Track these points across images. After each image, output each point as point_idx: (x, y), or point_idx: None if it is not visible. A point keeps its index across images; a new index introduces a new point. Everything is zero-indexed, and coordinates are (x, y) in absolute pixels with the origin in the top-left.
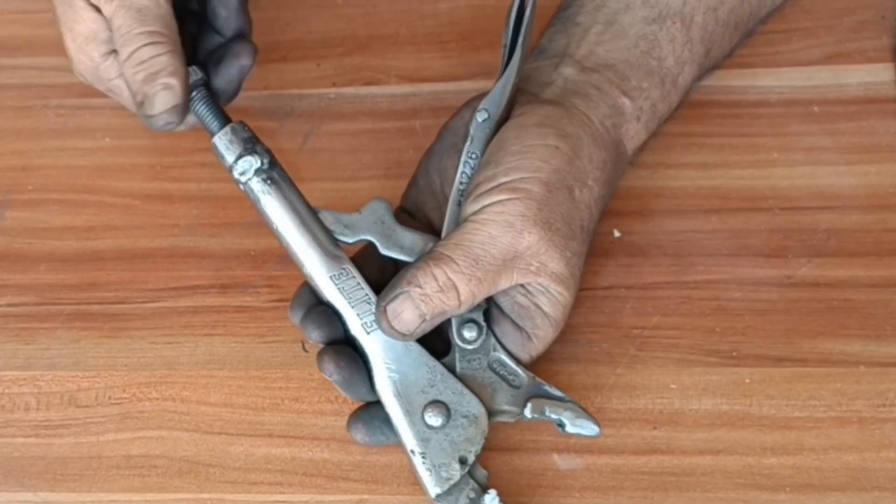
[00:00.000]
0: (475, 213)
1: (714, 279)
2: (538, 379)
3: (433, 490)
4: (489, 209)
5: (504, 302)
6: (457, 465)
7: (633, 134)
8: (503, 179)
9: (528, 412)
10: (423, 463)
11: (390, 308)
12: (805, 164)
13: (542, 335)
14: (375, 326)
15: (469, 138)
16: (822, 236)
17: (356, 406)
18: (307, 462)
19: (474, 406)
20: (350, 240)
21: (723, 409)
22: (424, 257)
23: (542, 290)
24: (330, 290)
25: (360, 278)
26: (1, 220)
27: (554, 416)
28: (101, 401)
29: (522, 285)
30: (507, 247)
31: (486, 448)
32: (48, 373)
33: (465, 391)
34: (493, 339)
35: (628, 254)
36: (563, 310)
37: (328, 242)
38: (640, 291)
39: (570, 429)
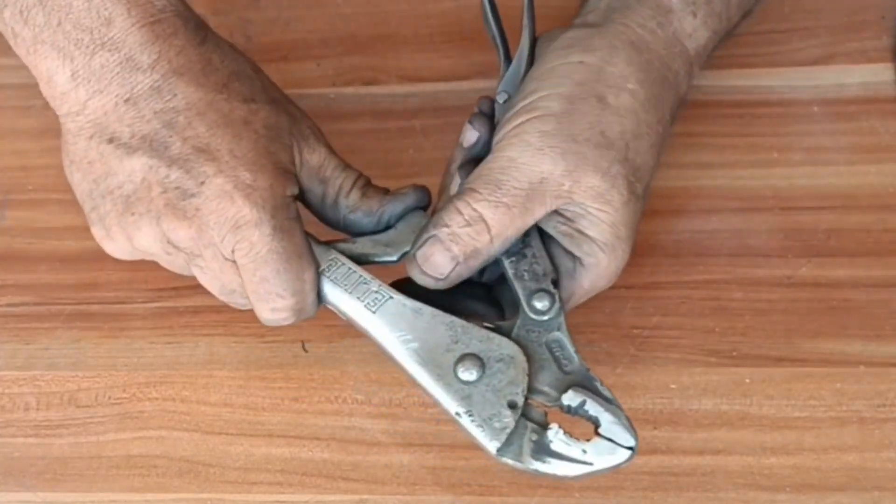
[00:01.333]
0: (497, 141)
1: (714, 279)
2: (592, 373)
3: (492, 446)
4: (507, 134)
5: (551, 231)
6: (508, 412)
7: (692, 31)
8: (521, 104)
9: (566, 399)
10: (472, 421)
11: (419, 253)
12: (805, 164)
13: (592, 262)
14: (379, 305)
15: (496, 121)
16: (822, 236)
17: (356, 409)
18: (307, 462)
19: (507, 347)
20: (395, 258)
21: (723, 409)
22: (449, 198)
23: (580, 212)
24: (326, 286)
25: (349, 263)
26: (1, 220)
27: (592, 413)
28: (101, 401)
29: (559, 212)
30: (530, 167)
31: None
32: (48, 373)
33: (493, 335)
34: (562, 318)
35: None
36: (612, 229)
37: (312, 241)
38: (640, 291)
39: (603, 431)
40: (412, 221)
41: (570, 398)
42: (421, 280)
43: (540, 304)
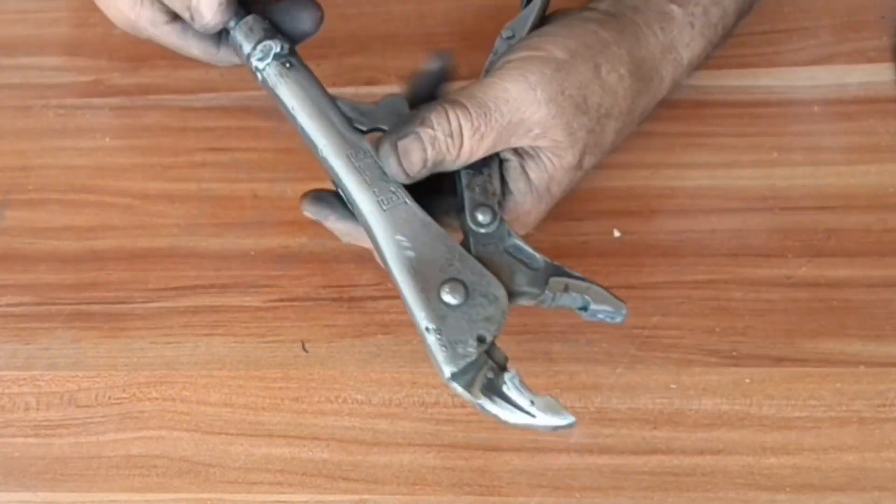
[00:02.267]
0: (497, 68)
1: (714, 279)
2: (557, 263)
3: (447, 368)
4: (509, 64)
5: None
6: (474, 343)
7: (689, 41)
8: (531, 41)
9: (550, 288)
10: (438, 340)
11: (401, 144)
12: (805, 164)
13: (519, 200)
14: (392, 205)
15: (493, 51)
16: (822, 236)
17: (356, 409)
18: (307, 462)
19: (495, 287)
20: (365, 128)
21: (723, 409)
22: (440, 100)
23: (532, 154)
24: (345, 170)
25: (377, 158)
26: (1, 220)
27: (576, 296)
28: (101, 401)
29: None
30: (517, 104)
31: (486, 447)
32: (48, 373)
33: (486, 272)
34: (506, 227)
35: (628, 254)
36: (549, 182)
37: (345, 126)
38: (640, 291)
39: (594, 308)
40: (394, 104)
41: (554, 285)
42: (390, 168)
43: (482, 217)
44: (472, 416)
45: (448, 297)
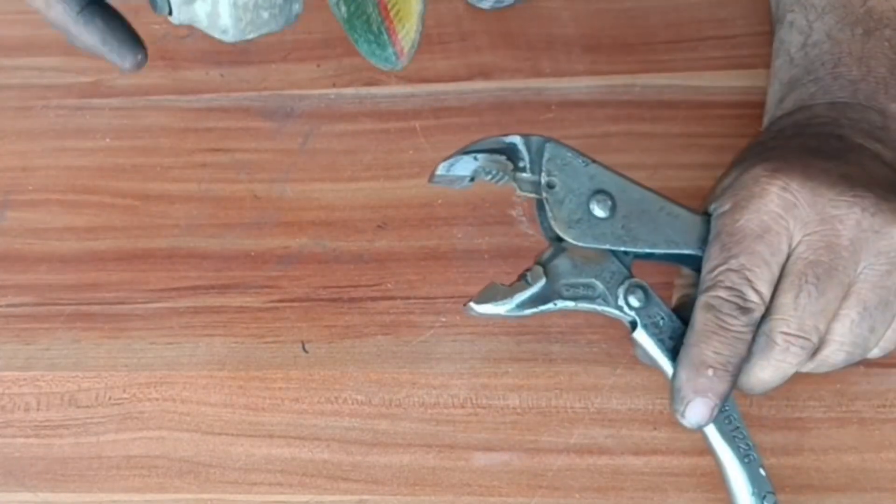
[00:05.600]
0: None
1: None
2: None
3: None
4: None
5: None
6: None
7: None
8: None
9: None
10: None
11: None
12: None
13: None
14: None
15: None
16: None
17: (356, 409)
18: (307, 462)
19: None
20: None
21: None
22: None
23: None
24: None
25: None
26: (1, 220)
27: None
28: (101, 401)
29: None
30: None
31: (486, 448)
32: (48, 373)
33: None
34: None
35: None
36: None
37: None
38: None
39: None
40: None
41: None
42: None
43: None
44: (472, 416)
45: (595, 208)
